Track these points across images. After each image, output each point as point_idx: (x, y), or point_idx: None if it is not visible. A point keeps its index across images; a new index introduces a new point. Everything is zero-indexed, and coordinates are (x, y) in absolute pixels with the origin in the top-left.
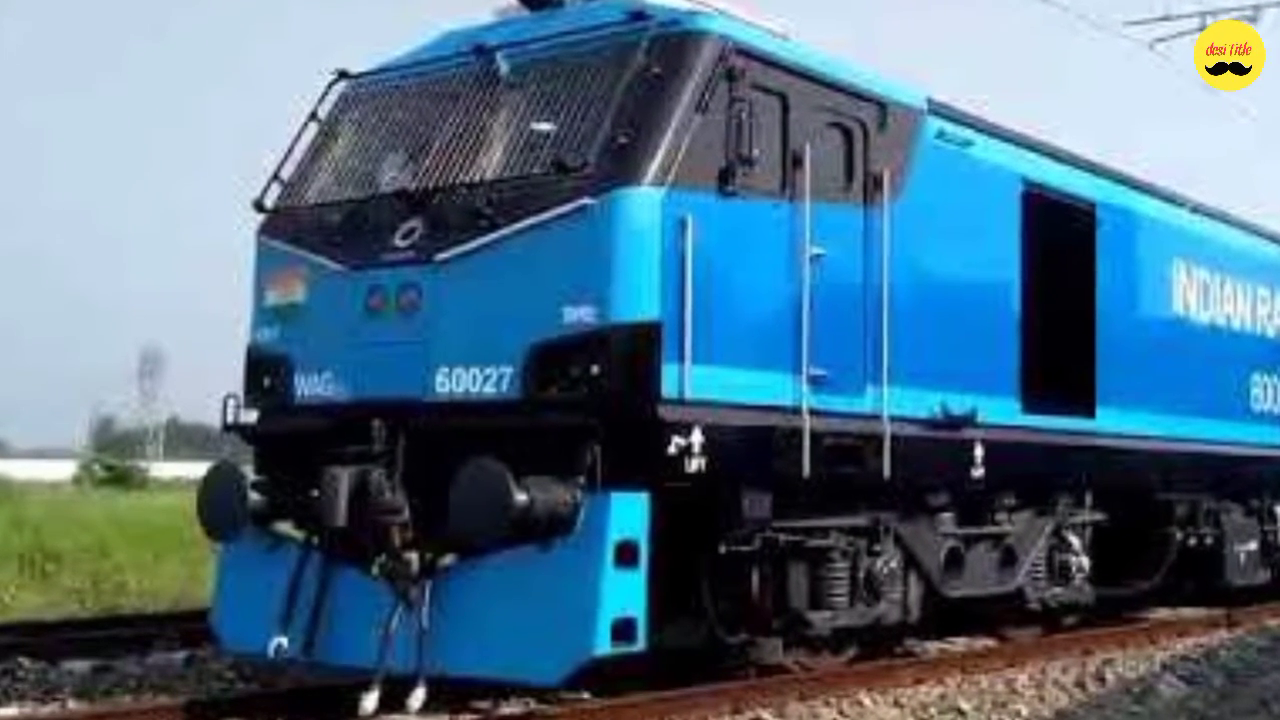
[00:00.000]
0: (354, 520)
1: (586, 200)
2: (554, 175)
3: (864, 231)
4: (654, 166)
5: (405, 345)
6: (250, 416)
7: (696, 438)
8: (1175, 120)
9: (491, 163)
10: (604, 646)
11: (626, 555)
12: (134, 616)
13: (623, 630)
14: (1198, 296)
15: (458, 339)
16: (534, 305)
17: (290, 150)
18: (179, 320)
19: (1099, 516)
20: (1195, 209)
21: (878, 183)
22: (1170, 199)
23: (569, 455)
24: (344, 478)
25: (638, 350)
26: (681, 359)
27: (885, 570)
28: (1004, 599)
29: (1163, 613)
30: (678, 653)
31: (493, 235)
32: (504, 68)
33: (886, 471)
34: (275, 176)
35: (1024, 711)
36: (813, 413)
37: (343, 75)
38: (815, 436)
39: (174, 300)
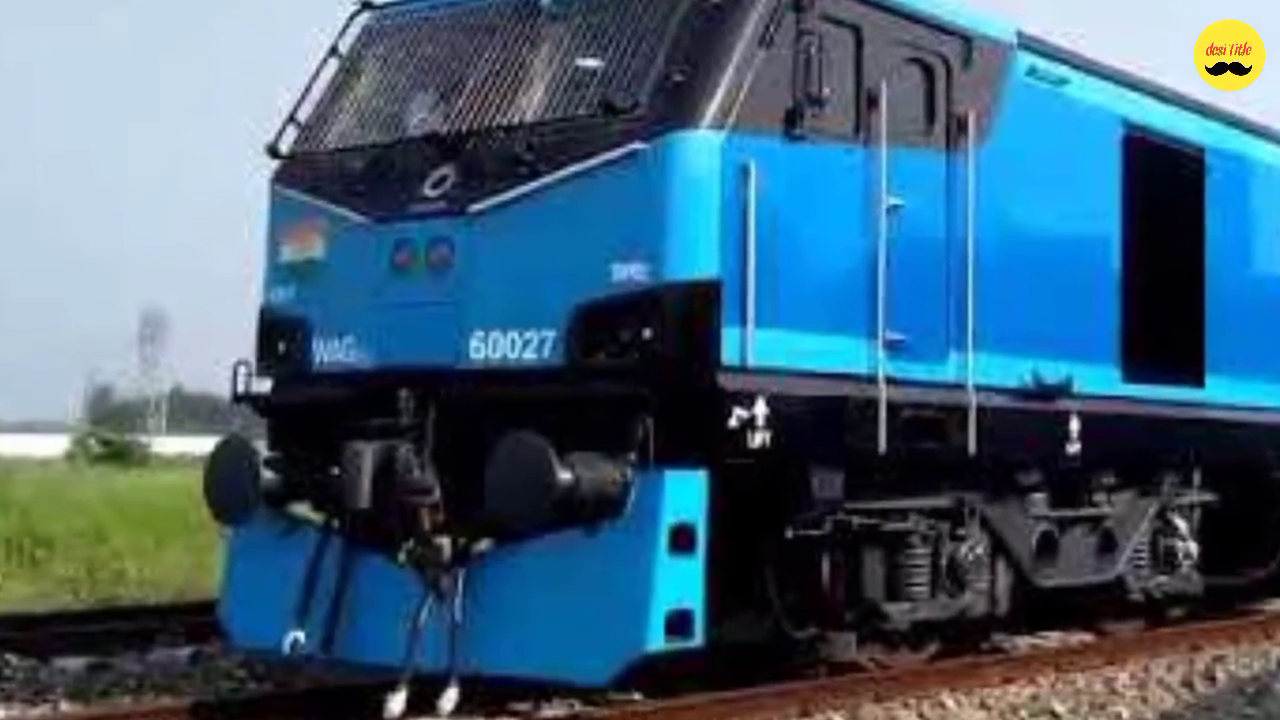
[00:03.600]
0: (379, 501)
1: (637, 145)
2: (601, 117)
3: (946, 180)
4: (713, 107)
5: (436, 306)
6: (263, 386)
7: (760, 409)
8: None
9: (532, 103)
10: (657, 642)
11: (682, 540)
12: (133, 609)
13: (678, 624)
14: None
15: (494, 299)
16: (579, 262)
17: (308, 89)
18: (184, 279)
19: (1209, 497)
20: None
21: (962, 125)
22: None
23: (618, 428)
24: (368, 454)
25: (695, 312)
26: (743, 322)
27: (970, 557)
28: (1103, 589)
29: None
30: (739, 649)
31: (533, 184)
32: None
33: (972, 447)
34: (291, 118)
35: (1125, 714)
36: (890, 381)
37: (366, 5)
38: (892, 408)
39: (178, 257)
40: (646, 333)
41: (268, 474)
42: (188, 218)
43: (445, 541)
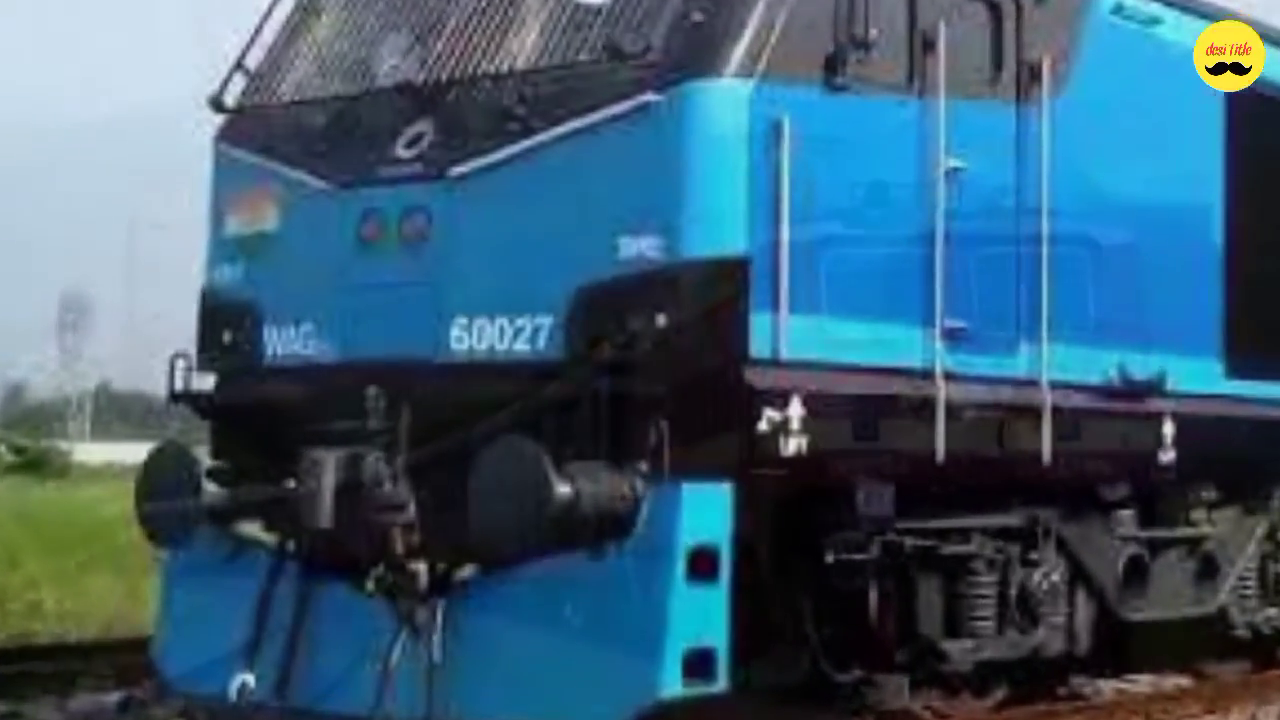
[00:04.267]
0: (343, 520)
1: (650, 96)
2: (607, 63)
3: (1016, 138)
4: (739, 52)
5: (410, 288)
6: (205, 382)
7: (795, 410)
8: None
9: (524, 47)
10: (674, 686)
11: (703, 565)
12: (52, 647)
13: (698, 664)
14: None
15: (479, 280)
16: (581, 236)
17: (258, 31)
18: (110, 257)
19: None
20: None
21: (1035, 73)
22: None
23: (626, 433)
24: (329, 464)
25: (718, 295)
26: (775, 307)
27: (1045, 586)
28: (1202, 624)
29: None
30: (770, 694)
31: (526, 143)
32: None
33: (1047, 455)
34: (239, 65)
35: None
36: (949, 377)
37: None
38: (953, 409)
39: (104, 230)
40: (660, 320)
41: (211, 487)
42: (117, 183)
43: (421, 567)
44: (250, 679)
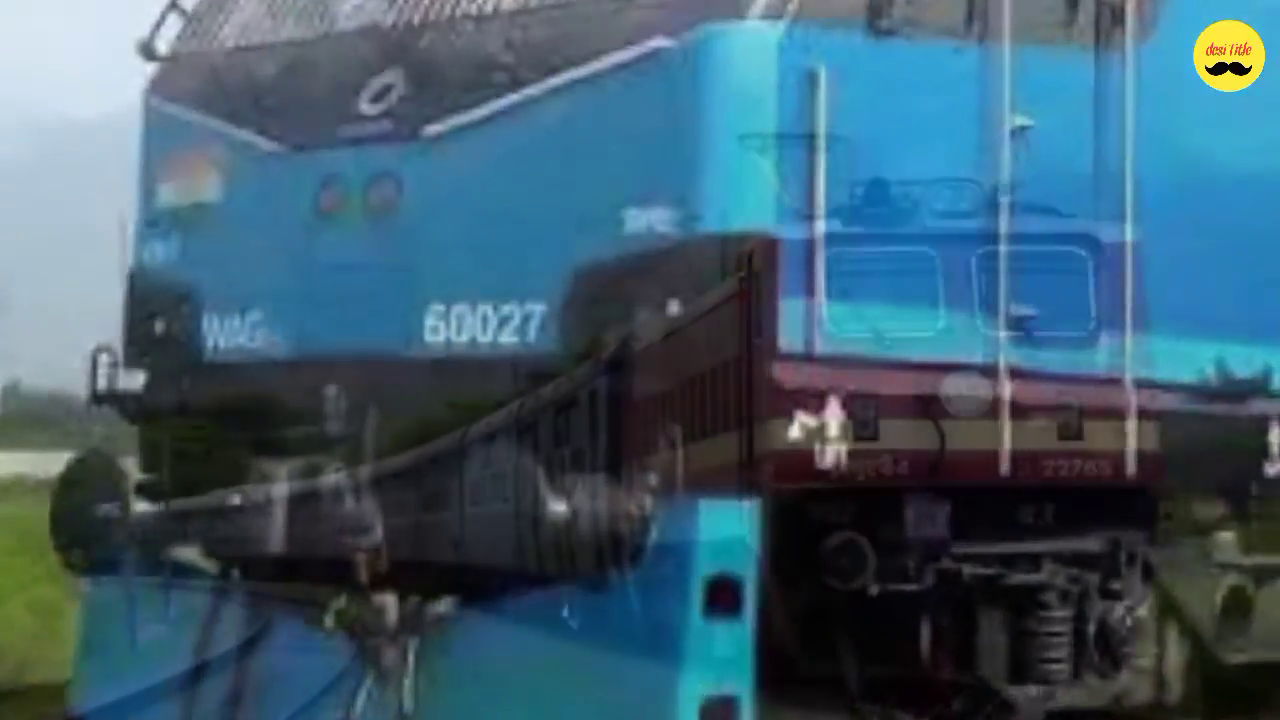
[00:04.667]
0: (298, 543)
1: (661, 42)
2: (611, 2)
3: (1094, 91)
4: None
5: (377, 270)
6: (134, 381)
7: (833, 413)
8: None
9: None
10: None
11: (723, 597)
12: None
13: (718, 714)
14: None
15: (459, 260)
16: (579, 207)
17: None
18: (22, 231)
19: None
20: None
21: (1116, 15)
22: None
23: (632, 441)
24: (281, 476)
25: (741, 277)
26: (809, 291)
27: (1129, 621)
28: None
29: None
30: None
31: (514, 97)
32: None
33: (1131, 467)
34: (174, 4)
35: None
36: (1015, 374)
37: None
38: (1019, 411)
39: (13, 200)
40: (673, 306)
41: (141, 505)
42: (30, 140)
43: (390, 599)
44: None
